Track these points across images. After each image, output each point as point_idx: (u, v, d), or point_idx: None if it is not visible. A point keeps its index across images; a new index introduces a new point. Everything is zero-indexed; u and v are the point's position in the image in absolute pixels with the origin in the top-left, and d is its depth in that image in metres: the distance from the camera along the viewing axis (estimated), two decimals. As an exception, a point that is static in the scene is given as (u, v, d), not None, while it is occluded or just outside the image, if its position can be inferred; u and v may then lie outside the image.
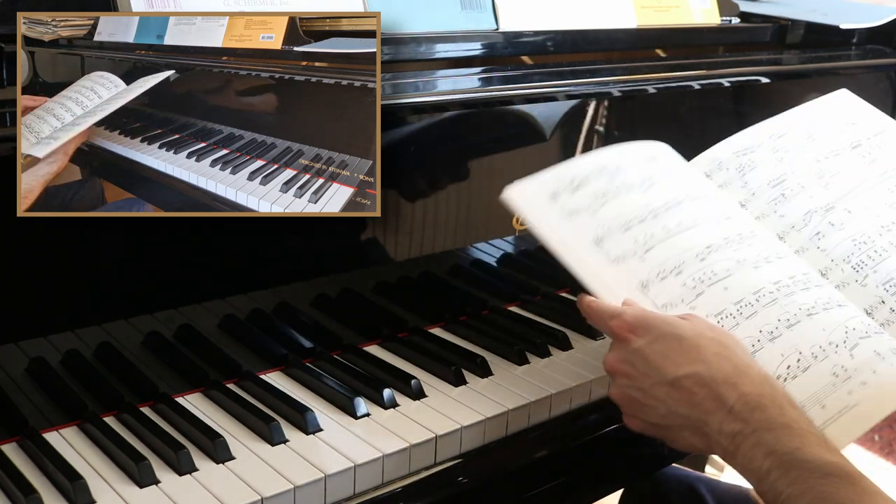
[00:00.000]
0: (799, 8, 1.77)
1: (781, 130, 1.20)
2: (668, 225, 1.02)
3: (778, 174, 1.14)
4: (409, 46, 1.16)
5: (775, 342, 0.93)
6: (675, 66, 1.44)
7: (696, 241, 1.00)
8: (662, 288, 0.98)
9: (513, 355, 1.11)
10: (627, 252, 1.00)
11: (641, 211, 1.02)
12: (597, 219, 1.02)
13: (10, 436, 0.90)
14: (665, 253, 0.99)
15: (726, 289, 0.97)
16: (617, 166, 1.06)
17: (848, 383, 0.91)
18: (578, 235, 1.01)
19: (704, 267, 0.98)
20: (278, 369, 1.07)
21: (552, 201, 1.03)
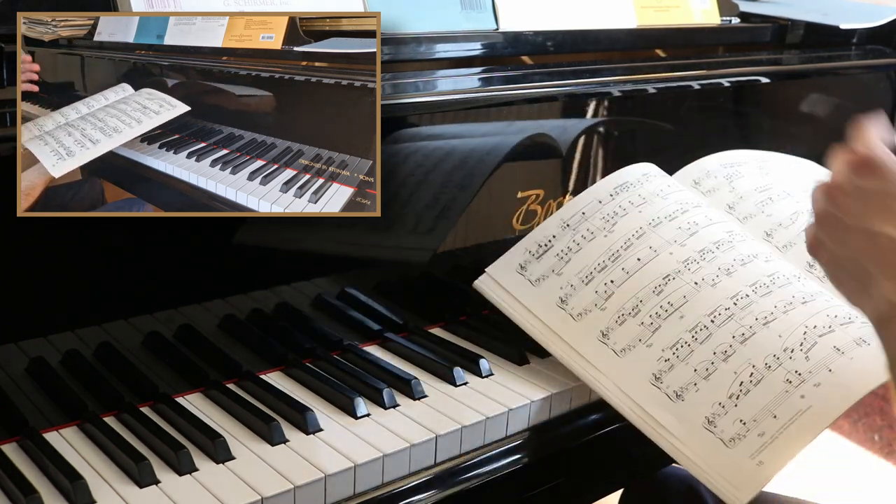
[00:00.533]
0: (799, 8, 1.77)
1: (765, 157, 1.26)
2: (627, 265, 1.06)
3: (764, 183, 1.19)
4: (409, 46, 1.16)
5: (728, 361, 0.97)
6: (675, 66, 1.44)
7: (653, 273, 1.04)
8: (621, 333, 1.02)
9: (513, 355, 1.11)
10: (589, 305, 1.05)
11: (602, 258, 1.07)
12: (561, 279, 1.07)
13: (10, 436, 0.90)
14: (624, 296, 1.04)
15: (682, 317, 1.01)
16: (581, 214, 1.11)
17: (801, 388, 0.94)
18: (545, 301, 1.07)
19: (661, 300, 1.02)
20: (278, 369, 1.07)
21: (521, 272, 1.10)
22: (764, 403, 0.93)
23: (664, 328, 1.00)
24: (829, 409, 0.93)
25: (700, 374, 0.96)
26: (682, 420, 0.95)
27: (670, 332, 1.00)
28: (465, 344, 1.15)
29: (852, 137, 0.88)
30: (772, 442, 0.91)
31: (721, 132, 1.24)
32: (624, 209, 1.10)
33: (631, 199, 1.11)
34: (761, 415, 0.93)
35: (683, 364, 0.97)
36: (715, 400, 0.95)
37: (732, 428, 0.93)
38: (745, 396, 0.94)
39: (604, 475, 1.15)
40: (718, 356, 0.97)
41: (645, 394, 0.97)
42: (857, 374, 0.95)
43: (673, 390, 0.96)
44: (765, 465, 0.90)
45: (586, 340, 1.03)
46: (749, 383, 0.95)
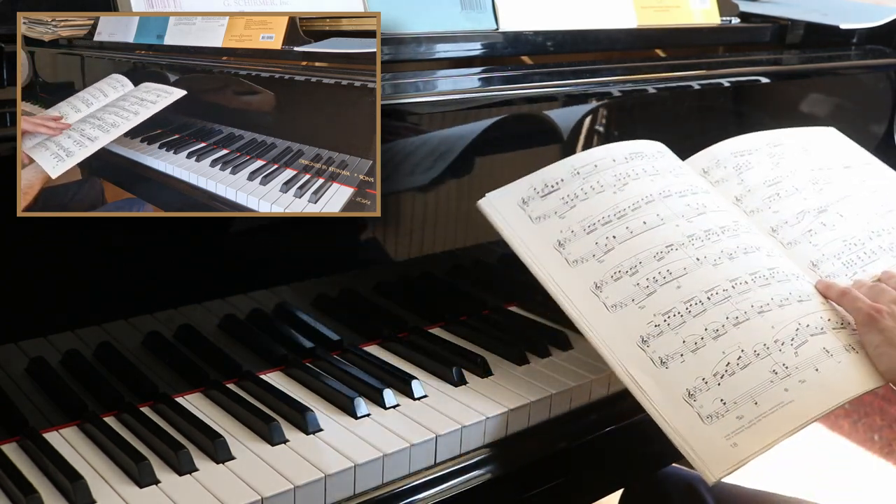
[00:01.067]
0: (799, 8, 1.77)
1: (778, 141, 1.24)
2: (632, 225, 1.04)
3: (773, 176, 1.17)
4: (409, 46, 1.16)
5: (719, 340, 0.96)
6: (675, 66, 1.44)
7: (657, 240, 1.03)
8: (615, 288, 1.00)
9: (513, 355, 1.11)
10: (586, 254, 1.03)
11: (608, 212, 1.05)
12: (562, 223, 1.05)
13: (10, 436, 0.90)
14: (624, 254, 1.02)
15: (679, 287, 1.00)
16: (594, 166, 1.09)
17: (786, 381, 0.94)
18: (542, 240, 1.05)
19: (661, 266, 1.01)
20: (278, 369, 1.07)
21: (522, 207, 1.07)
22: (747, 388, 0.93)
23: (659, 294, 0.99)
24: (810, 407, 0.93)
25: (688, 346, 0.96)
26: (662, 387, 0.94)
27: (665, 300, 0.99)
28: (465, 344, 1.15)
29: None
30: (749, 426, 0.91)
31: (721, 132, 1.24)
32: (636, 174, 1.09)
33: (644, 167, 1.10)
34: (742, 398, 0.92)
35: (673, 333, 0.97)
36: (699, 374, 0.94)
37: (712, 405, 0.92)
38: (729, 377, 0.94)
39: (604, 475, 1.15)
40: (709, 333, 0.96)
41: (629, 354, 0.97)
42: (843, 379, 0.95)
43: (658, 356, 0.96)
44: (739, 447, 0.90)
45: (578, 288, 1.01)
46: (735, 365, 0.94)
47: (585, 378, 1.09)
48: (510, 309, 1.26)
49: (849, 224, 1.10)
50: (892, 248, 1.08)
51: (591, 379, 1.09)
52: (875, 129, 1.67)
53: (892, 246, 1.08)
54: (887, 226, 1.11)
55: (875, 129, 1.67)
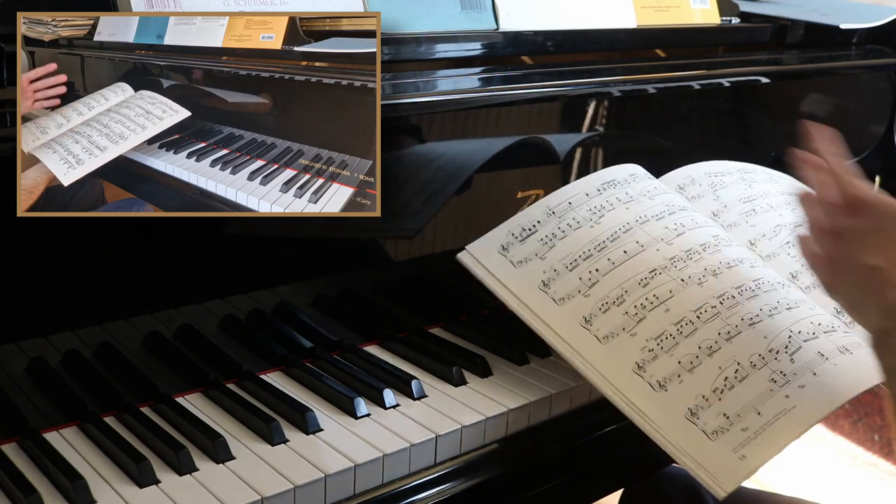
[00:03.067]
0: (799, 8, 1.77)
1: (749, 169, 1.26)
2: (613, 256, 1.05)
3: (748, 195, 1.20)
4: (409, 46, 1.16)
5: (714, 356, 0.97)
6: (675, 66, 1.44)
7: (640, 266, 1.04)
8: (604, 320, 1.01)
9: (513, 355, 1.11)
10: (572, 291, 1.04)
11: (588, 247, 1.06)
12: (544, 263, 1.06)
13: (10, 436, 0.90)
14: (609, 285, 1.03)
15: (667, 310, 1.00)
16: (568, 204, 1.11)
17: (786, 388, 0.94)
18: (527, 283, 1.06)
19: (647, 292, 1.02)
20: (278, 369, 1.07)
21: (503, 254, 1.08)
22: (748, 400, 0.93)
23: (649, 319, 1.00)
24: (813, 410, 0.93)
25: (684, 366, 0.96)
26: (664, 410, 0.95)
27: (655, 324, 0.99)
28: (465, 344, 1.15)
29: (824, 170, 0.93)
30: (755, 437, 0.91)
31: (721, 132, 1.24)
32: (611, 204, 1.10)
33: (618, 195, 1.11)
34: (745, 410, 0.93)
35: (668, 355, 0.97)
36: (699, 392, 0.95)
37: (715, 421, 0.93)
38: (729, 391, 0.94)
39: (604, 475, 1.15)
40: (703, 350, 0.97)
41: (627, 382, 0.97)
42: (842, 380, 0.96)
43: (656, 380, 0.96)
44: (748, 459, 0.91)
45: (569, 325, 1.02)
46: (734, 379, 0.95)
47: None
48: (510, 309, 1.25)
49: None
50: None
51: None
52: (875, 129, 1.67)
53: None
54: None
55: (875, 129, 1.68)
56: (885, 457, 2.57)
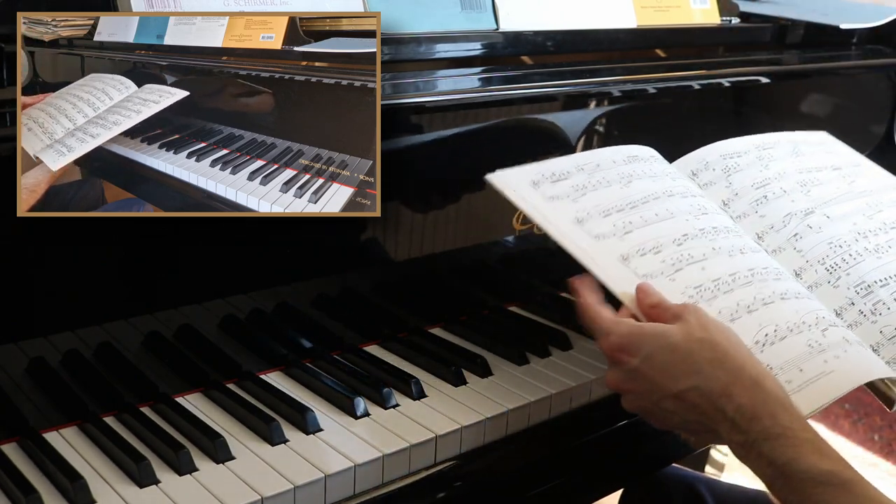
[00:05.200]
0: (799, 8, 1.77)
1: (768, 143, 1.24)
2: (646, 215, 1.04)
3: (762, 178, 1.17)
4: (409, 46, 1.16)
5: (753, 314, 0.96)
6: (675, 66, 1.44)
7: (673, 229, 1.03)
8: (643, 261, 1.00)
9: (513, 355, 1.11)
10: (606, 232, 1.02)
11: (619, 202, 1.05)
12: (577, 205, 1.04)
13: (10, 436, 0.90)
14: (643, 236, 1.02)
15: (703, 269, 0.99)
16: (596, 165, 1.09)
17: (823, 354, 0.94)
18: (561, 215, 1.03)
19: (682, 251, 1.01)
20: (278, 369, 1.07)
21: (534, 188, 1.05)
22: (790, 356, 0.93)
23: (686, 272, 0.99)
24: (851, 378, 0.93)
25: (724, 316, 0.95)
26: None
27: (693, 277, 0.98)
28: (465, 344, 1.15)
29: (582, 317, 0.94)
30: (799, 391, 0.90)
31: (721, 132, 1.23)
32: (638, 175, 1.09)
33: (644, 169, 1.11)
34: (788, 365, 0.92)
35: (707, 304, 0.96)
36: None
37: None
38: (770, 346, 0.93)
39: (604, 475, 1.15)
40: (742, 307, 0.96)
41: None
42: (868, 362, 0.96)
43: None
44: None
45: (606, 259, 0.99)
46: (774, 336, 0.94)
47: (585, 378, 1.09)
48: (510, 309, 1.26)
49: (835, 226, 1.10)
50: (877, 250, 1.08)
51: (591, 379, 1.09)
52: (875, 129, 1.67)
53: (877, 248, 1.08)
54: (874, 227, 1.11)
55: (875, 129, 1.67)
56: (885, 457, 2.57)
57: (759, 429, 0.82)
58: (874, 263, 1.06)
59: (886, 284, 1.03)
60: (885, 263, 1.06)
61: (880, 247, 1.08)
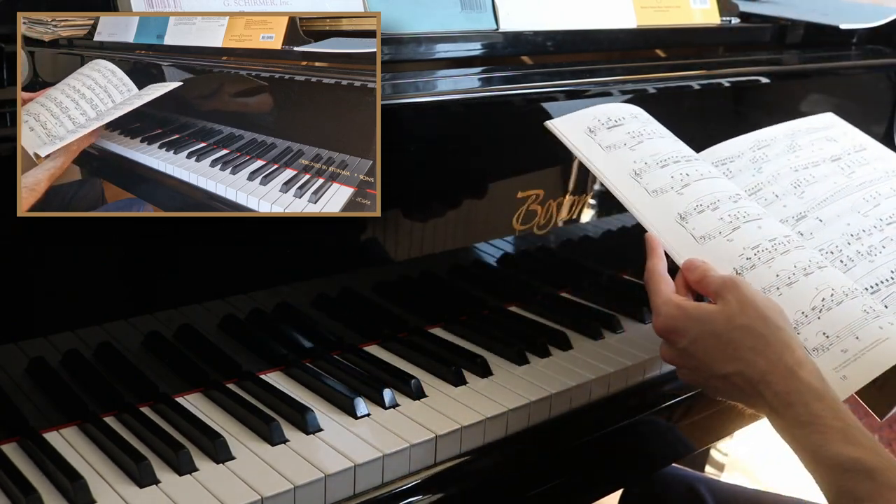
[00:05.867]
0: (799, 8, 1.77)
1: (765, 141, 1.24)
2: (701, 169, 1.06)
3: (754, 183, 1.18)
4: (409, 46, 1.16)
5: (809, 277, 0.97)
6: (675, 66, 1.44)
7: (727, 186, 1.05)
8: (700, 220, 1.01)
9: (513, 355, 1.11)
10: (665, 186, 1.03)
11: (675, 154, 1.07)
12: (634, 154, 1.06)
13: (10, 436, 0.90)
14: (701, 190, 1.03)
15: (760, 227, 1.01)
16: (647, 117, 1.12)
17: (878, 320, 0.94)
18: (618, 168, 1.05)
19: (738, 208, 1.02)
20: (278, 369, 1.07)
21: (590, 136, 1.07)
22: (846, 323, 0.93)
23: (744, 230, 0.99)
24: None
25: (782, 280, 0.96)
26: None
27: (750, 236, 0.99)
28: (465, 344, 1.15)
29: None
30: (855, 360, 0.91)
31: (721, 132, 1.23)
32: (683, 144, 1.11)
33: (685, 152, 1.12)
34: (844, 332, 0.92)
35: (766, 266, 0.97)
36: (798, 308, 0.94)
37: (815, 339, 0.93)
38: (826, 312, 0.94)
39: (604, 475, 1.15)
40: (799, 270, 0.97)
41: None
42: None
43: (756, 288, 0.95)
44: (848, 380, 0.91)
45: (664, 218, 1.00)
46: (831, 301, 0.95)
47: (585, 378, 1.09)
48: (510, 309, 1.26)
49: (827, 230, 1.10)
50: (870, 252, 1.07)
51: (591, 379, 1.09)
52: (875, 129, 1.67)
53: (870, 250, 1.07)
54: (868, 226, 1.10)
55: (875, 129, 1.67)
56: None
57: (792, 415, 0.85)
58: (866, 268, 1.05)
59: (877, 290, 1.03)
60: (876, 267, 1.05)
61: (873, 248, 1.07)
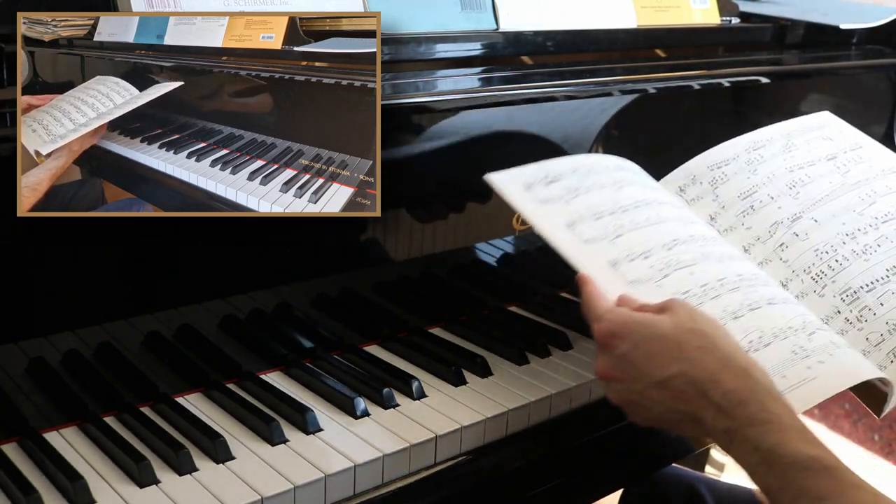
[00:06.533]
0: (799, 8, 1.77)
1: (760, 142, 1.23)
2: (637, 219, 1.05)
3: (749, 186, 1.17)
4: (409, 46, 1.16)
5: (738, 321, 0.96)
6: (675, 66, 1.44)
7: (663, 233, 1.04)
8: (631, 267, 1.00)
9: (513, 355, 1.11)
10: (598, 236, 1.03)
11: (611, 206, 1.06)
12: (569, 207, 1.05)
13: (10, 436, 0.90)
14: (633, 240, 1.03)
15: (692, 273, 1.00)
16: (589, 169, 1.10)
17: (807, 360, 0.94)
18: (553, 219, 1.04)
19: (671, 255, 1.02)
20: (278, 369, 1.07)
21: (527, 190, 1.06)
22: (773, 363, 0.93)
23: (673, 277, 0.99)
24: (833, 384, 0.93)
25: None
26: None
27: (681, 282, 0.99)
28: (465, 344, 1.15)
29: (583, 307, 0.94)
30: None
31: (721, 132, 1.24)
32: (629, 182, 1.10)
33: (634, 178, 1.12)
34: (771, 372, 0.92)
35: None
36: None
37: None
38: (754, 353, 0.94)
39: (604, 475, 1.15)
40: (728, 314, 0.97)
41: None
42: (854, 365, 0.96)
43: None
44: None
45: (596, 264, 1.00)
46: (758, 342, 0.95)
47: (585, 378, 1.09)
48: (510, 309, 1.25)
49: (822, 230, 1.10)
50: (865, 251, 1.07)
51: (591, 379, 1.09)
52: (875, 129, 1.67)
53: (865, 249, 1.07)
54: (863, 225, 1.10)
55: (875, 129, 1.67)
56: (885, 457, 2.57)
57: (745, 414, 0.82)
58: (861, 267, 1.06)
59: (872, 289, 1.03)
60: (871, 266, 1.06)
61: (868, 247, 1.07)
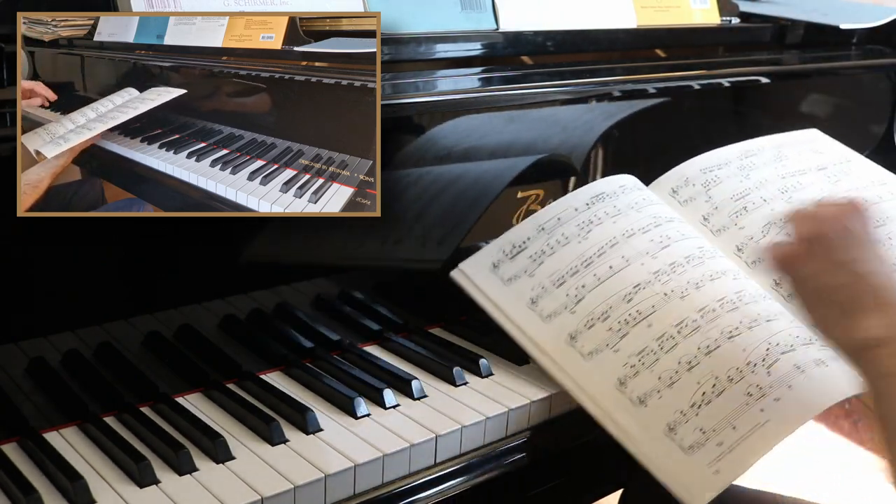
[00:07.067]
0: (799, 8, 1.77)
1: (751, 151, 1.25)
2: (599, 272, 1.07)
3: (742, 189, 1.19)
4: (409, 46, 1.16)
5: (693, 371, 0.98)
6: (675, 66, 1.44)
7: (625, 281, 1.06)
8: (589, 336, 1.02)
9: (513, 355, 1.11)
10: (559, 308, 1.05)
11: (575, 263, 1.08)
12: (533, 280, 1.08)
13: (10, 436, 0.90)
14: (594, 300, 1.05)
15: (650, 326, 1.02)
16: (557, 220, 1.12)
17: (761, 402, 0.96)
18: (515, 301, 1.07)
19: (630, 308, 1.03)
20: (278, 369, 1.07)
21: (493, 272, 1.10)
22: (724, 414, 0.95)
23: (632, 335, 1.01)
24: (786, 423, 0.95)
25: (664, 381, 0.98)
26: (643, 426, 0.96)
27: (637, 340, 1.01)
28: (465, 344, 1.15)
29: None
30: (729, 452, 0.93)
31: (721, 132, 1.24)
32: (599, 219, 1.11)
33: (606, 209, 1.12)
34: (721, 425, 0.94)
35: (648, 371, 0.98)
36: (677, 408, 0.96)
37: (692, 436, 0.94)
38: (706, 406, 0.95)
39: (604, 475, 1.15)
40: (683, 366, 0.98)
41: (609, 398, 0.98)
42: (816, 393, 0.97)
43: (637, 396, 0.97)
44: (721, 473, 0.92)
45: (555, 342, 1.03)
46: (711, 394, 0.96)
47: (585, 378, 1.08)
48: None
49: None
50: None
51: (591, 379, 1.09)
52: (875, 129, 1.67)
53: None
54: None
55: (875, 129, 1.68)
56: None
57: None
58: None
59: None
60: None
61: None
